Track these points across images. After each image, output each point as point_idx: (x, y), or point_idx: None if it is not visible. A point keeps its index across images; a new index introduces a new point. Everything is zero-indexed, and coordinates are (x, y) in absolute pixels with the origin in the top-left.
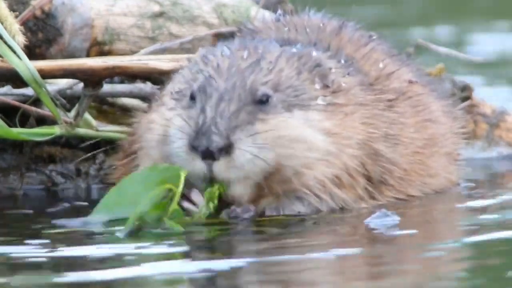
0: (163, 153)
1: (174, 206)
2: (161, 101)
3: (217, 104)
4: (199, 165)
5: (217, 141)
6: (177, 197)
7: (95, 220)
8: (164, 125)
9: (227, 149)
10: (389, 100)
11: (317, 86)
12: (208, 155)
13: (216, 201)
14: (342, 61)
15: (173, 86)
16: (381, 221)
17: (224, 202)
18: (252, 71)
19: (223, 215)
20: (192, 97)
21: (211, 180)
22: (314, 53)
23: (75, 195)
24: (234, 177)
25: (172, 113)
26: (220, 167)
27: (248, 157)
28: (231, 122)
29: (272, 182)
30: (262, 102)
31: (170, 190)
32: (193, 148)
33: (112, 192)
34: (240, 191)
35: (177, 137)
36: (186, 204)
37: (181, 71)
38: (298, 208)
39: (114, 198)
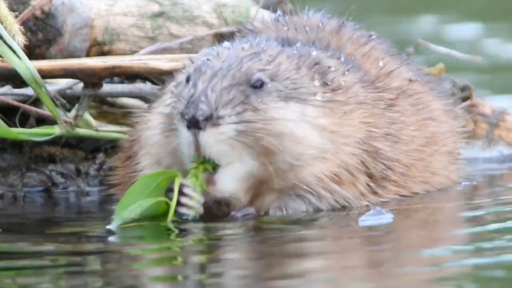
0: (160, 141)
1: (170, 216)
2: (161, 99)
3: (210, 79)
4: (185, 135)
5: (203, 109)
6: (172, 208)
7: (114, 228)
8: (160, 112)
9: (215, 121)
10: (390, 99)
11: (317, 83)
12: (194, 124)
13: (201, 181)
14: (342, 59)
15: (174, 84)
16: (375, 219)
17: (223, 207)
18: (251, 59)
19: (225, 219)
20: (188, 80)
21: (197, 152)
22: (314, 52)
23: (75, 195)
24: (220, 151)
25: (169, 99)
26: (206, 138)
27: (235, 132)
28: (222, 96)
29: (267, 176)
30: (256, 87)
31: (163, 200)
32: (181, 117)
33: (120, 203)
34: (231, 185)
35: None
36: (183, 210)
37: (183, 70)
38: (300, 206)
39: (122, 208)
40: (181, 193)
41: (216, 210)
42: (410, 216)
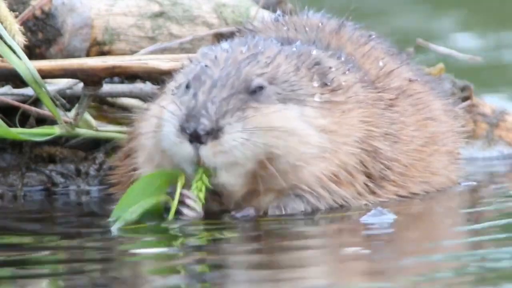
0: (157, 143)
1: (171, 215)
2: (161, 99)
3: (209, 90)
4: (186, 148)
5: (205, 123)
6: (174, 207)
7: (113, 228)
8: (158, 114)
9: (215, 133)
10: (390, 99)
11: (315, 84)
12: (196, 138)
13: (204, 189)
14: (342, 59)
15: (173, 84)
16: (377, 219)
17: (223, 205)
18: (248, 63)
19: (225, 219)
20: (188, 87)
21: (198, 165)
22: (314, 52)
23: (75, 195)
24: (222, 162)
25: (167, 102)
26: (207, 151)
27: (236, 142)
28: (222, 107)
29: (267, 176)
30: (255, 92)
31: (165, 199)
32: (182, 130)
33: (120, 202)
34: (229, 180)
35: (168, 121)
36: (185, 211)
37: (182, 70)
38: (299, 206)
39: (122, 208)
40: (183, 195)
41: (210, 201)
42: (411, 216)
